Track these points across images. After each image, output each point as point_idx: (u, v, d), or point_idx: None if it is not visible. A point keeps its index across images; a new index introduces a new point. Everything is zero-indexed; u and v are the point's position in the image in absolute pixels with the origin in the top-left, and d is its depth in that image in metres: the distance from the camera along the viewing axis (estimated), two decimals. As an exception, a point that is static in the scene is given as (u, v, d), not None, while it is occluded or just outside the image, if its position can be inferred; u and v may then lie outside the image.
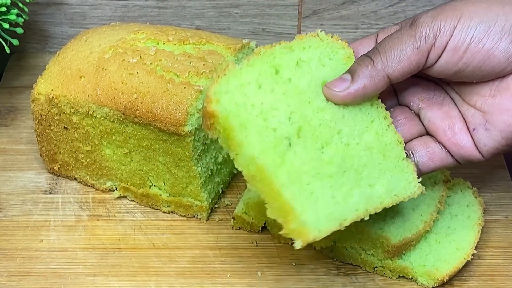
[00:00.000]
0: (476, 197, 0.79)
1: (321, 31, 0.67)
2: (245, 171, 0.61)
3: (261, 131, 0.62)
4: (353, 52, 0.68)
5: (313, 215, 0.60)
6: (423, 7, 1.06)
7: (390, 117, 0.68)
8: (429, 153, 0.69)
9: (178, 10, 1.05)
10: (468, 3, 0.64)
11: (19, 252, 0.77)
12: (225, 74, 0.63)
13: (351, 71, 0.64)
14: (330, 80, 0.65)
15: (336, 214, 0.61)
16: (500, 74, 0.64)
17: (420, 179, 0.67)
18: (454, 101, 0.69)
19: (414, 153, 0.69)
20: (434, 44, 0.63)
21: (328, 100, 0.65)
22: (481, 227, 0.76)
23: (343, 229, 0.61)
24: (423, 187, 0.66)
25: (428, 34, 0.63)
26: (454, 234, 0.75)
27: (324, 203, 0.62)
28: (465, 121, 0.68)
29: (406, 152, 0.68)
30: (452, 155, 0.68)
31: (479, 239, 0.76)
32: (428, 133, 0.70)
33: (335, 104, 0.65)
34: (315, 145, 0.63)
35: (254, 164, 0.60)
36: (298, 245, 0.59)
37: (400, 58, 0.63)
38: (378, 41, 0.68)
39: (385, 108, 0.68)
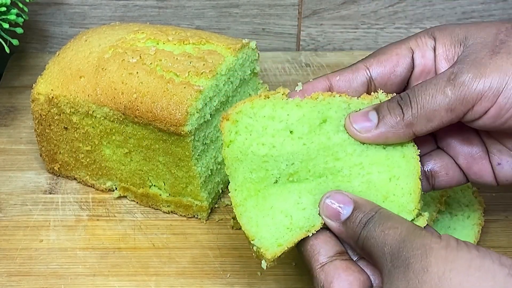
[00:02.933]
0: (476, 197, 0.79)
1: (382, 92, 0.62)
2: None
3: (254, 169, 0.60)
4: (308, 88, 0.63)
5: (268, 231, 0.59)
6: (423, 7, 1.06)
7: None
8: (448, 177, 0.66)
9: (178, 10, 1.05)
10: None
11: (19, 252, 0.77)
12: (267, 97, 0.61)
13: (379, 113, 0.60)
14: (355, 112, 0.61)
15: (301, 221, 0.59)
16: None
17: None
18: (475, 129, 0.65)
19: (433, 173, 0.66)
20: (472, 108, 0.58)
21: (347, 132, 0.61)
22: (481, 227, 0.76)
23: (311, 235, 0.58)
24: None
25: (467, 97, 0.58)
26: (454, 234, 0.75)
27: (285, 214, 0.59)
28: (487, 151, 0.65)
29: (425, 170, 0.64)
30: (466, 177, 0.66)
31: (479, 239, 0.76)
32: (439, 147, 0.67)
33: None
34: (304, 181, 0.61)
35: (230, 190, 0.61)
36: (263, 265, 0.59)
37: (430, 118, 0.59)
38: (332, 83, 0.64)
39: None
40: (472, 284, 0.49)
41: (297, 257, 0.76)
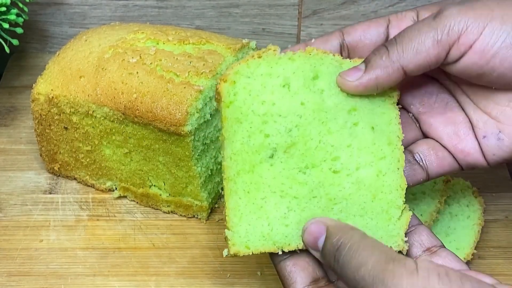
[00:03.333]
0: (476, 197, 0.79)
1: None
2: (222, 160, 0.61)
3: (253, 132, 0.60)
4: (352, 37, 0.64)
5: (246, 230, 0.59)
6: (423, 7, 1.06)
7: None
8: (439, 159, 0.65)
9: (178, 10, 1.05)
10: (502, 4, 0.59)
11: (19, 252, 0.77)
12: (259, 56, 0.60)
13: (366, 61, 0.61)
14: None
15: (278, 236, 0.59)
16: None
17: (407, 238, 0.59)
18: (460, 105, 0.65)
19: (422, 157, 0.65)
20: (458, 39, 0.58)
21: (341, 89, 0.61)
22: (481, 227, 0.76)
23: (280, 252, 0.59)
24: (407, 246, 0.59)
25: (452, 27, 0.58)
26: (454, 234, 0.75)
27: (269, 222, 0.59)
28: (473, 127, 0.64)
29: (415, 156, 0.65)
30: (457, 161, 0.65)
31: (479, 239, 0.76)
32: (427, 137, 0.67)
33: (348, 94, 0.61)
34: (298, 164, 0.60)
35: (225, 160, 0.60)
36: (224, 253, 0.59)
37: (417, 50, 0.59)
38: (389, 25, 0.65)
39: None
40: None
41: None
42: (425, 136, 0.67)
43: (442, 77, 0.66)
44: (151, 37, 0.81)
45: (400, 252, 0.58)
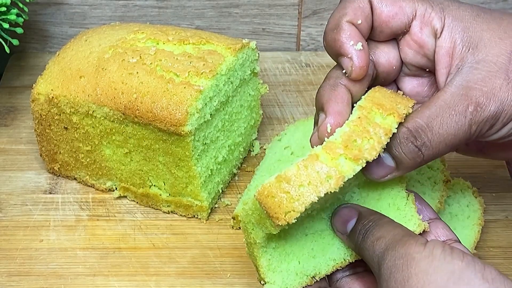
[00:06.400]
0: (476, 197, 0.79)
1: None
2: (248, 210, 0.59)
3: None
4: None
5: (282, 277, 0.60)
6: (423, 7, 1.06)
7: None
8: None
9: (178, 10, 1.05)
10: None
11: (19, 252, 0.77)
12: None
13: (397, 160, 0.58)
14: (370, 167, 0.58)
15: (310, 270, 0.60)
16: None
17: (421, 216, 0.61)
18: None
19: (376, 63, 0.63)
20: (492, 126, 0.57)
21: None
22: (481, 227, 0.76)
23: (314, 281, 0.61)
24: (426, 224, 0.61)
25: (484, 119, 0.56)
26: (454, 234, 0.75)
27: (299, 260, 0.61)
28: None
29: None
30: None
31: (479, 239, 0.76)
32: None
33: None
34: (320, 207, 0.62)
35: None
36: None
37: (448, 144, 0.57)
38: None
39: None
40: None
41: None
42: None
43: None
44: (151, 37, 0.81)
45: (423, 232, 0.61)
